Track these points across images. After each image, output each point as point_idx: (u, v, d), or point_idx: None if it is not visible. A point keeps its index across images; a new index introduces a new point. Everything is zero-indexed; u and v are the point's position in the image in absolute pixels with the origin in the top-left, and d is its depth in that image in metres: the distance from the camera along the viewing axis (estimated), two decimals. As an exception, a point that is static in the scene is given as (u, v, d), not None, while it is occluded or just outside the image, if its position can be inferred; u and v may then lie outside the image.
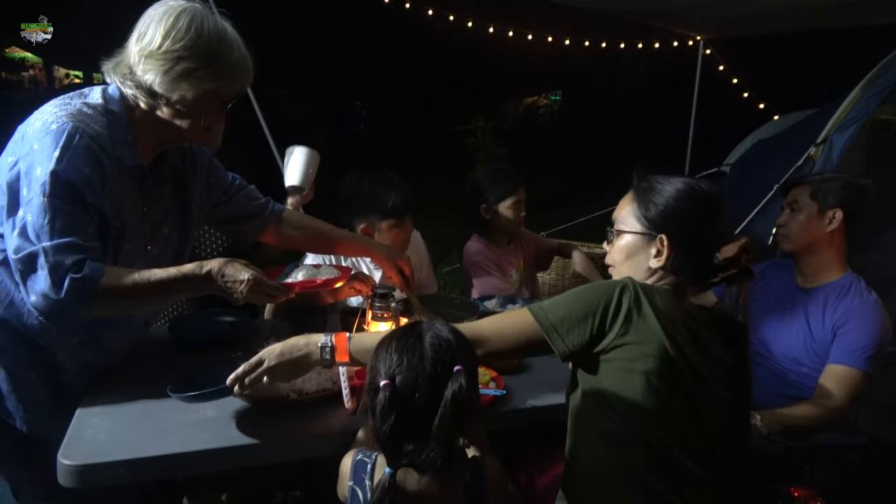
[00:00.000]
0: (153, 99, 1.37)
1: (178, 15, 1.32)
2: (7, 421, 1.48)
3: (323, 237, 1.90)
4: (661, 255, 1.28)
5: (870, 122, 3.71)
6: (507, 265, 2.59)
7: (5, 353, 1.45)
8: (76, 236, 1.27)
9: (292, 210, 1.90)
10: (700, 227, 1.29)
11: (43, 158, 1.27)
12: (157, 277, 1.31)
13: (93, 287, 1.25)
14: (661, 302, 1.22)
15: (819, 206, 1.92)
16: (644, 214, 1.31)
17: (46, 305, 1.26)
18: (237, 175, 1.79)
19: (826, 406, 1.76)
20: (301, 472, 1.89)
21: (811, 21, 4.70)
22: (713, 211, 1.30)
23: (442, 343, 1.09)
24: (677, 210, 1.28)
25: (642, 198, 1.33)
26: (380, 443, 1.08)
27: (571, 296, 1.27)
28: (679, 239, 1.28)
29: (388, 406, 1.03)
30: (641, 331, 1.19)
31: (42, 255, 1.24)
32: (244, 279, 1.33)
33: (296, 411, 1.43)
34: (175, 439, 1.29)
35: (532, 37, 5.85)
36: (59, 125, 1.29)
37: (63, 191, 1.26)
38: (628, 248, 1.34)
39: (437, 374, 1.05)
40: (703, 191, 1.30)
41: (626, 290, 1.22)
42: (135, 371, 1.64)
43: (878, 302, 1.87)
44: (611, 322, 1.20)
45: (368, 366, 1.13)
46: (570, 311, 1.23)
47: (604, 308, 1.21)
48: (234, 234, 1.87)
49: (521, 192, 2.51)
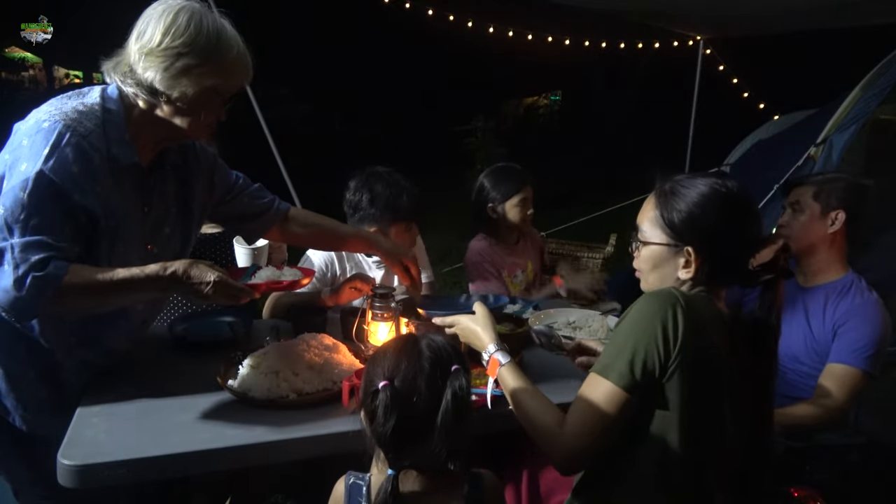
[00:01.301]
0: (154, 97, 1.37)
1: (178, 12, 1.33)
2: (6, 419, 1.49)
3: (329, 235, 1.90)
4: (690, 266, 1.22)
5: (870, 122, 3.71)
6: (513, 265, 2.59)
7: (4, 352, 1.45)
8: (47, 235, 1.26)
9: (298, 208, 1.90)
10: (729, 234, 1.21)
11: (31, 155, 1.27)
12: (120, 277, 1.30)
13: (55, 285, 1.25)
14: (705, 313, 1.17)
15: (822, 207, 1.91)
16: (668, 223, 1.24)
17: (8, 301, 1.25)
18: (241, 174, 1.79)
19: (826, 406, 1.76)
20: (300, 474, 1.89)
21: (811, 21, 4.70)
22: (742, 215, 1.23)
23: (438, 346, 1.11)
24: (703, 218, 1.21)
25: (665, 204, 1.25)
26: (381, 445, 1.08)
27: (625, 334, 1.18)
28: (707, 250, 1.21)
29: (389, 407, 1.03)
30: (695, 346, 1.14)
31: (9, 251, 1.25)
32: (210, 280, 1.32)
33: (296, 411, 1.42)
34: (175, 439, 1.29)
35: (532, 37, 5.85)
36: (50, 124, 1.30)
37: (46, 190, 1.26)
38: (654, 259, 1.27)
39: (435, 374, 1.07)
40: (730, 193, 1.22)
41: (678, 305, 1.15)
42: (135, 371, 1.64)
43: (878, 301, 1.87)
44: (672, 342, 1.13)
45: (364, 376, 1.14)
46: (633, 350, 1.14)
47: (662, 330, 1.13)
48: (239, 232, 1.87)
49: (528, 189, 2.51)
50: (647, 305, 1.17)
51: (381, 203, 2.08)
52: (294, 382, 1.48)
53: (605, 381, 1.15)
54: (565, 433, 1.17)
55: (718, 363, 1.17)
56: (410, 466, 1.09)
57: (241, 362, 1.56)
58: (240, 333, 1.86)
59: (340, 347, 1.65)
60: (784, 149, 4.23)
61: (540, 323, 2.03)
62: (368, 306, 1.73)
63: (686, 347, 1.12)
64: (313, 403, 1.45)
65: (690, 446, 1.16)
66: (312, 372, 1.52)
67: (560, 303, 2.45)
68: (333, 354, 1.60)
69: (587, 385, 1.19)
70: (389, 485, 1.06)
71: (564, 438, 1.17)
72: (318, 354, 1.57)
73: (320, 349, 1.60)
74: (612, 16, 5.19)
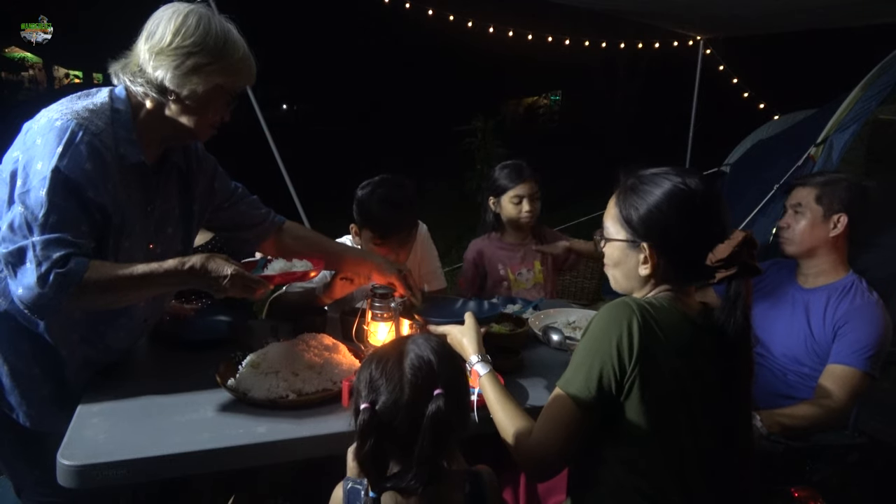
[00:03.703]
0: (163, 95, 1.41)
1: (187, 14, 1.39)
2: (10, 417, 1.49)
3: (322, 250, 1.89)
4: (648, 262, 1.23)
5: (870, 122, 3.71)
6: (516, 262, 2.57)
7: (8, 348, 1.46)
8: (67, 232, 1.30)
9: (292, 222, 1.91)
10: (684, 231, 1.21)
11: (45, 154, 1.30)
12: (140, 272, 1.34)
13: (77, 281, 1.28)
14: (665, 319, 1.18)
15: (824, 210, 1.91)
16: (626, 219, 1.26)
17: (31, 298, 1.28)
18: (240, 184, 1.82)
19: (826, 406, 1.76)
20: (299, 474, 1.89)
21: (811, 21, 4.70)
22: (699, 211, 1.21)
23: (423, 366, 1.08)
24: (658, 215, 1.21)
25: (625, 201, 1.27)
26: (361, 466, 1.07)
27: (584, 349, 1.20)
28: (663, 246, 1.22)
29: (367, 429, 1.03)
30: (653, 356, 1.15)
31: (31, 249, 1.28)
32: (227, 273, 1.36)
33: (296, 411, 1.42)
34: (175, 439, 1.29)
35: (532, 37, 5.84)
36: (62, 122, 1.33)
37: (63, 187, 1.30)
38: (616, 256, 1.29)
39: (416, 399, 1.05)
40: (689, 190, 1.21)
41: (633, 319, 1.16)
42: (135, 371, 1.64)
43: (879, 302, 1.87)
44: (627, 358, 1.14)
45: (354, 383, 1.13)
46: (590, 366, 1.16)
47: (617, 347, 1.15)
48: (234, 241, 1.89)
49: (526, 186, 2.47)
50: (603, 320, 1.19)
51: (375, 218, 2.06)
52: (294, 382, 1.48)
53: (566, 395, 1.18)
54: (531, 442, 1.21)
55: (680, 370, 1.16)
56: (391, 489, 1.07)
57: (240, 362, 1.56)
58: (239, 333, 1.86)
59: (340, 347, 1.65)
60: (784, 149, 4.22)
61: (540, 323, 2.03)
62: (368, 306, 1.73)
63: (642, 361, 1.13)
64: (313, 403, 1.45)
65: (660, 451, 1.17)
66: (312, 372, 1.52)
67: (560, 303, 2.45)
68: (333, 354, 1.60)
69: (553, 397, 1.22)
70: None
71: (530, 446, 1.21)
72: (318, 354, 1.58)
73: (320, 349, 1.60)
74: (612, 16, 5.19)
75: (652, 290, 1.28)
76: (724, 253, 1.19)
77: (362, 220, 2.10)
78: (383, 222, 2.06)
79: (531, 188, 2.48)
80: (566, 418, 1.17)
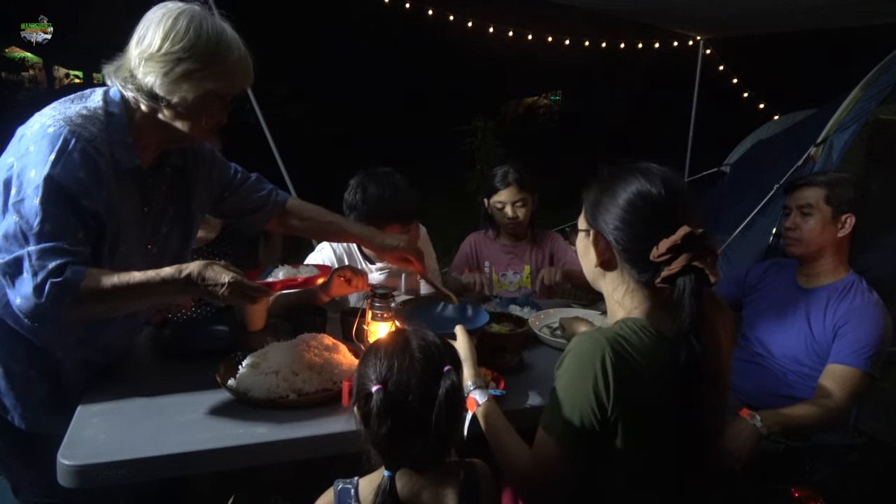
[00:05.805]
0: (154, 101, 1.37)
1: (177, 17, 1.33)
2: (6, 418, 1.48)
3: (326, 227, 1.91)
4: (595, 249, 1.24)
5: (870, 122, 3.71)
6: (503, 264, 2.60)
7: (4, 350, 1.45)
8: (62, 240, 1.27)
9: (297, 199, 1.91)
10: (626, 221, 1.18)
11: (38, 161, 1.27)
12: (137, 280, 1.31)
13: (73, 291, 1.25)
14: (638, 346, 1.14)
15: (833, 210, 1.90)
16: (586, 210, 1.28)
17: (29, 308, 1.26)
18: (239, 167, 1.79)
19: (826, 406, 1.76)
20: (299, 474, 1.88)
21: (811, 21, 4.70)
22: (649, 206, 1.17)
23: (429, 346, 1.12)
24: (610, 205, 1.20)
25: (587, 193, 1.29)
26: (377, 447, 1.08)
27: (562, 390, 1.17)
28: (612, 236, 1.20)
29: (382, 410, 1.04)
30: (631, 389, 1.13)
31: (27, 258, 1.25)
32: (224, 282, 1.33)
33: (296, 411, 1.42)
34: (175, 439, 1.29)
35: (532, 37, 5.84)
36: (55, 129, 1.30)
37: (56, 195, 1.27)
38: (580, 246, 1.31)
39: (428, 375, 1.08)
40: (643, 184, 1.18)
41: (606, 357, 1.12)
42: (135, 371, 1.64)
43: (879, 302, 1.87)
44: (606, 399, 1.12)
45: (356, 374, 1.14)
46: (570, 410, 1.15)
47: (594, 391, 1.12)
48: (239, 225, 1.89)
49: (509, 193, 2.46)
50: (577, 360, 1.16)
51: (373, 203, 2.07)
52: (294, 382, 1.48)
53: (550, 438, 1.17)
54: (528, 471, 1.22)
55: (660, 393, 1.15)
56: (407, 466, 1.11)
57: (240, 362, 1.56)
58: (239, 335, 1.85)
59: (340, 347, 1.65)
60: (784, 149, 4.22)
61: (540, 323, 2.03)
62: (368, 306, 1.73)
63: (622, 399, 1.12)
64: (313, 403, 1.45)
65: (649, 473, 1.18)
66: (312, 372, 1.52)
67: (560, 303, 2.46)
68: (333, 354, 1.60)
69: (538, 436, 1.21)
70: (387, 485, 1.07)
71: (525, 474, 1.22)
72: (318, 354, 1.57)
73: (320, 349, 1.60)
74: (612, 16, 5.19)
75: (623, 296, 1.23)
76: (663, 248, 1.13)
77: (383, 217, 2.08)
78: (401, 209, 2.08)
79: (514, 195, 2.47)
80: (553, 458, 1.17)
